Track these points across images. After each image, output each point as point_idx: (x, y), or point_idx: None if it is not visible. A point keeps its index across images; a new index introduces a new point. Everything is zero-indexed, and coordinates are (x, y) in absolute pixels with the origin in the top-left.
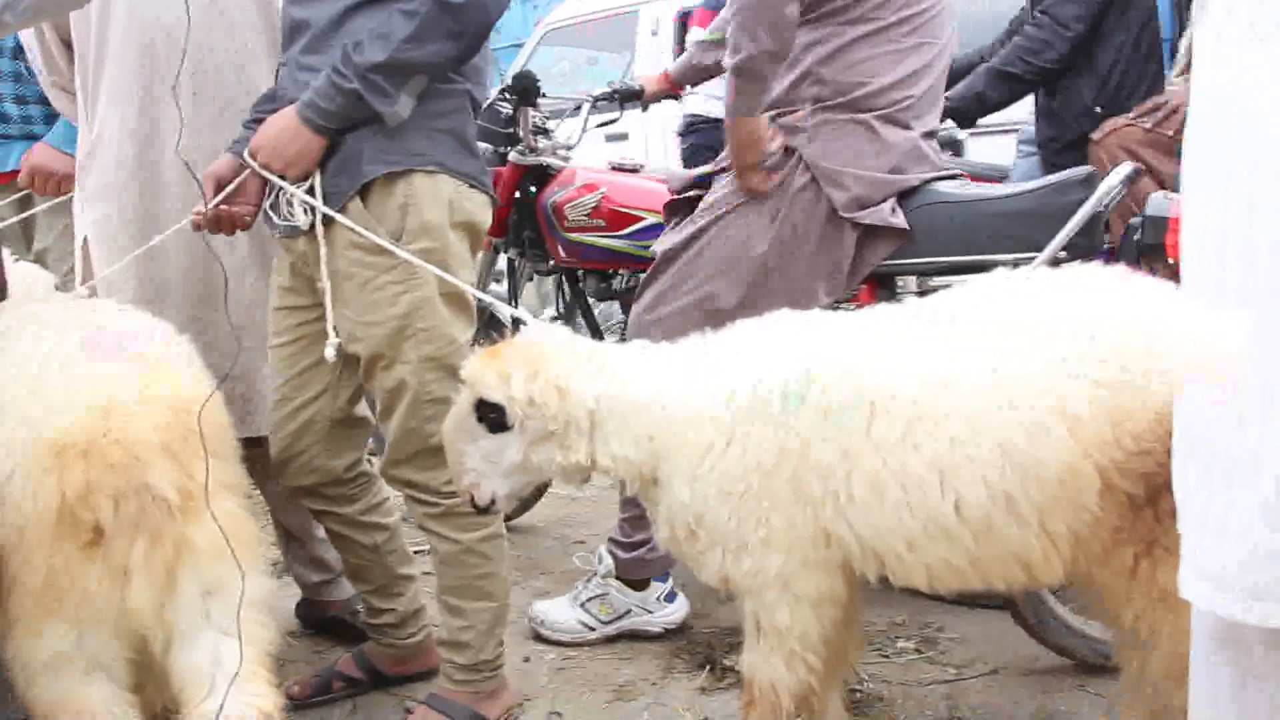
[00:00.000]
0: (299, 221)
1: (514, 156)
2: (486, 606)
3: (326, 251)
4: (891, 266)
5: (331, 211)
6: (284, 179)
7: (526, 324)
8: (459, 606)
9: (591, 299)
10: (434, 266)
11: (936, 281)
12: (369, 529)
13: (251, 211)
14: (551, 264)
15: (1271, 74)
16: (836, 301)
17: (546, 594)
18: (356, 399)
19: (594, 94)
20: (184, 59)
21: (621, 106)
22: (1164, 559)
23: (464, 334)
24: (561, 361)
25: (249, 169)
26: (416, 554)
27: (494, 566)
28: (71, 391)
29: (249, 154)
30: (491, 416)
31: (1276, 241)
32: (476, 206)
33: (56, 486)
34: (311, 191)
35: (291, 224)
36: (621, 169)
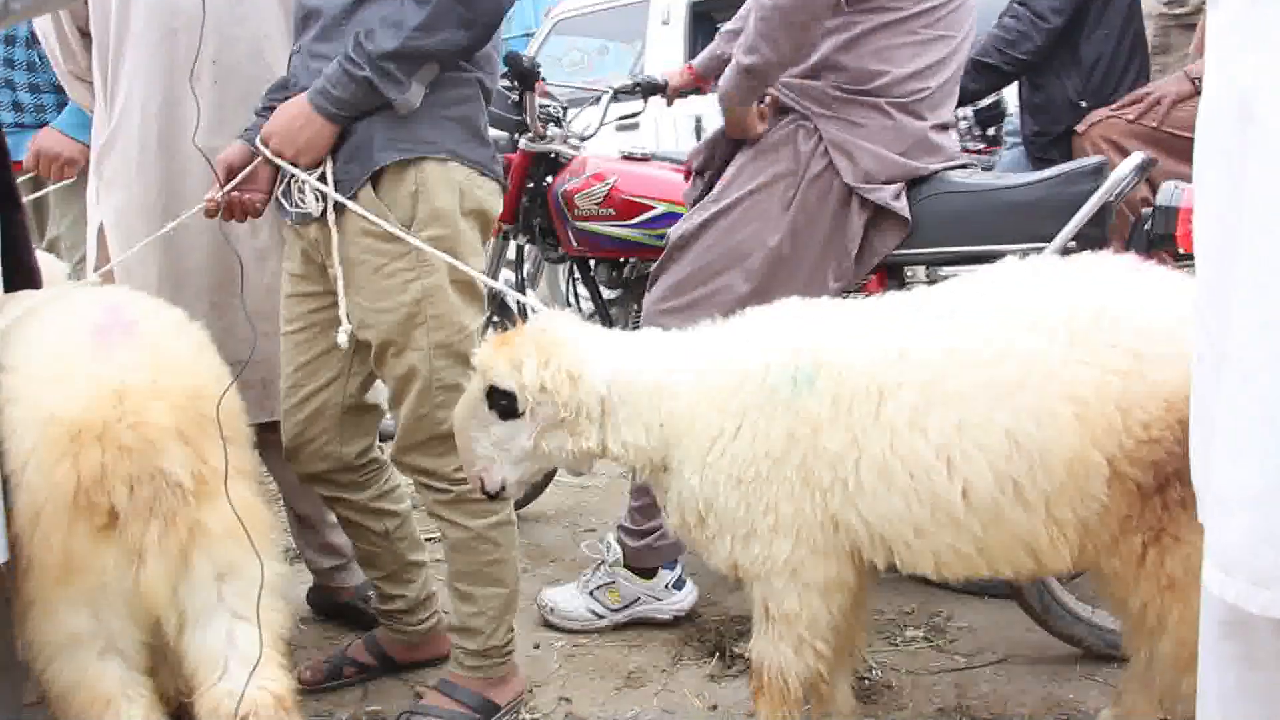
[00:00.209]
0: (310, 208)
1: (523, 144)
2: (497, 593)
3: (338, 238)
4: (900, 256)
5: (343, 199)
6: (296, 166)
7: (536, 311)
8: (469, 593)
9: (602, 287)
10: (445, 254)
11: (945, 271)
12: (380, 515)
13: (263, 199)
14: (562, 252)
15: None
16: (846, 290)
17: (556, 582)
18: (367, 386)
19: (615, 86)
20: (201, 45)
21: (645, 100)
22: (1172, 547)
23: (474, 321)
24: (573, 348)
25: (261, 156)
26: (427, 541)
27: (504, 553)
28: (86, 377)
29: (261, 141)
30: (503, 403)
31: None
32: (487, 194)
33: (72, 470)
34: (323, 179)
35: (303, 211)
36: (632, 158)
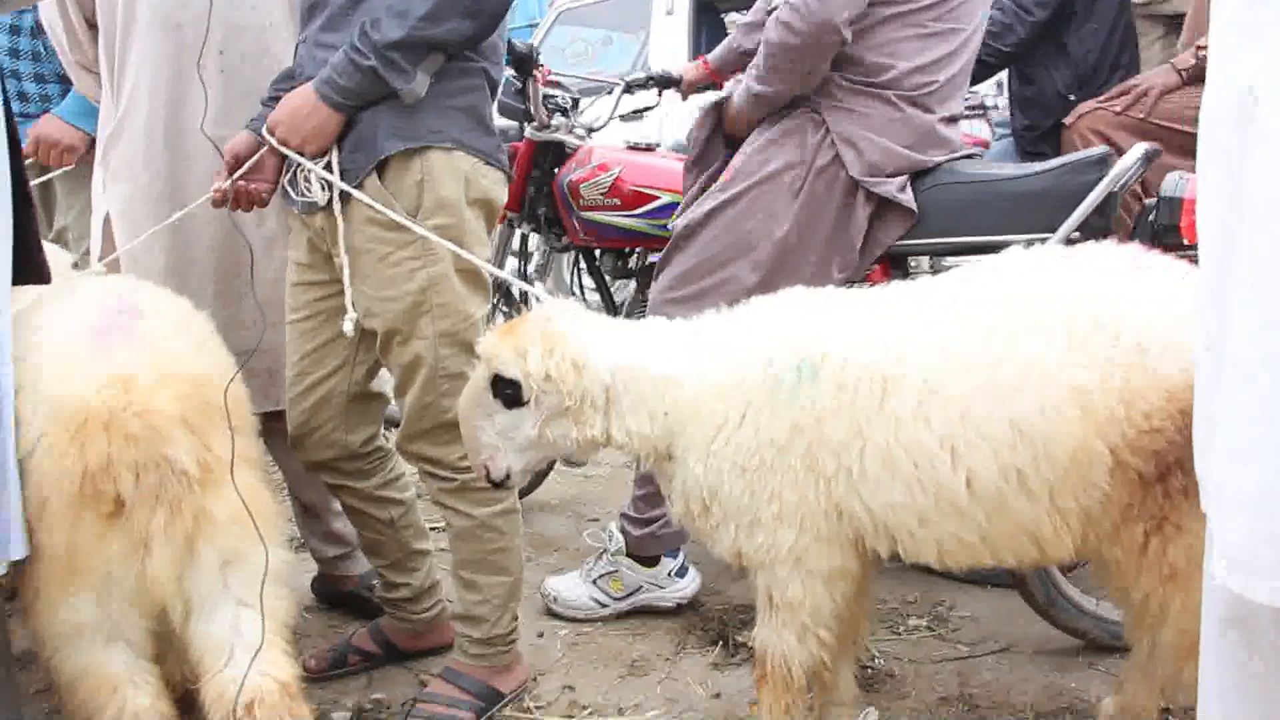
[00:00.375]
0: (316, 197)
1: (529, 132)
2: (501, 581)
3: (344, 227)
4: (905, 246)
5: (348, 187)
6: (302, 155)
7: (540, 300)
8: (474, 581)
9: (608, 277)
10: (450, 243)
11: (949, 262)
12: (385, 504)
13: (269, 188)
14: (567, 242)
15: None
16: (850, 281)
17: (560, 571)
18: (373, 374)
19: (628, 79)
20: (208, 35)
21: (660, 93)
22: (1174, 536)
23: (479, 310)
24: (577, 337)
25: (267, 145)
26: (432, 530)
27: (508, 541)
28: (93, 365)
29: (267, 130)
30: (507, 392)
31: None
32: (492, 183)
33: (79, 458)
34: (329, 168)
35: (309, 200)
36: (637, 148)
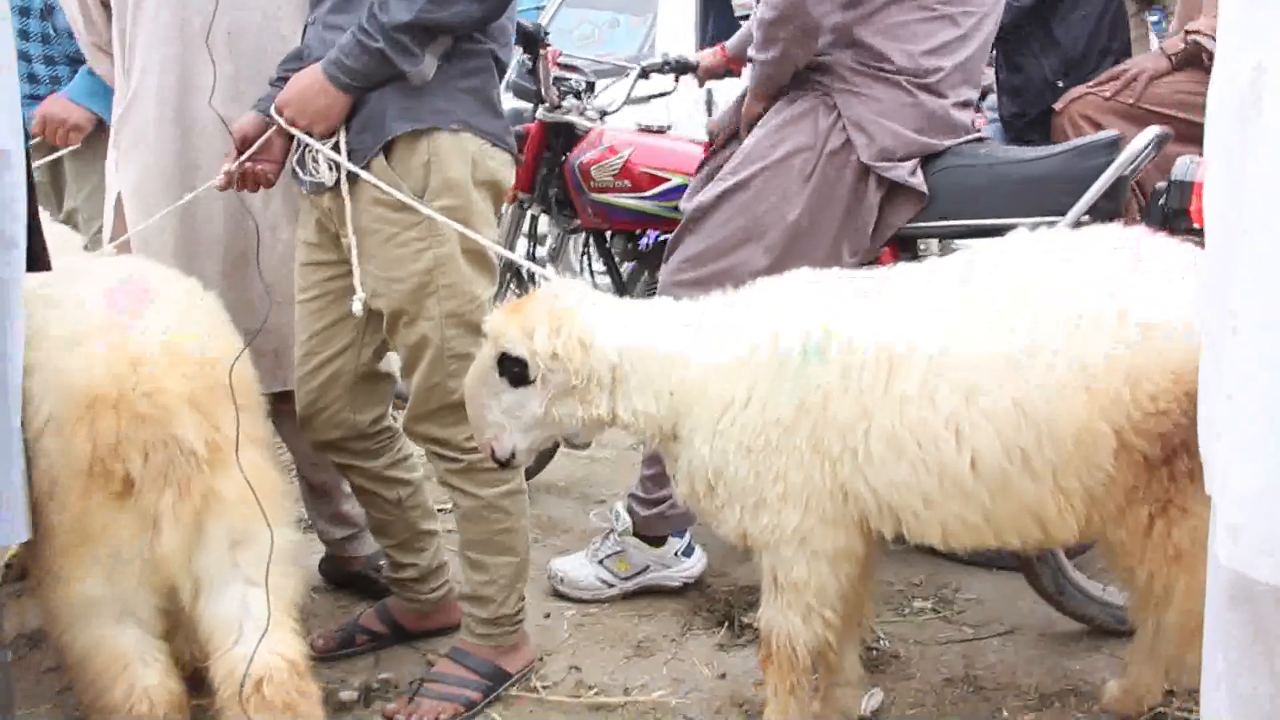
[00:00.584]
0: (324, 178)
1: (540, 114)
2: (508, 561)
3: (351, 207)
4: (914, 229)
5: (356, 168)
6: (310, 136)
7: (547, 279)
8: (480, 561)
9: (618, 259)
10: (457, 223)
11: (959, 244)
12: (393, 484)
13: (276, 169)
14: (577, 223)
15: None
16: (860, 264)
17: (566, 552)
18: (381, 354)
19: (645, 64)
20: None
21: (676, 79)
22: (1179, 519)
23: (486, 291)
24: (585, 316)
25: (275, 126)
26: (439, 512)
27: (515, 522)
28: (102, 346)
29: (275, 110)
30: (514, 371)
31: None
32: (499, 165)
33: (88, 438)
34: (337, 148)
35: (317, 180)
36: (649, 130)
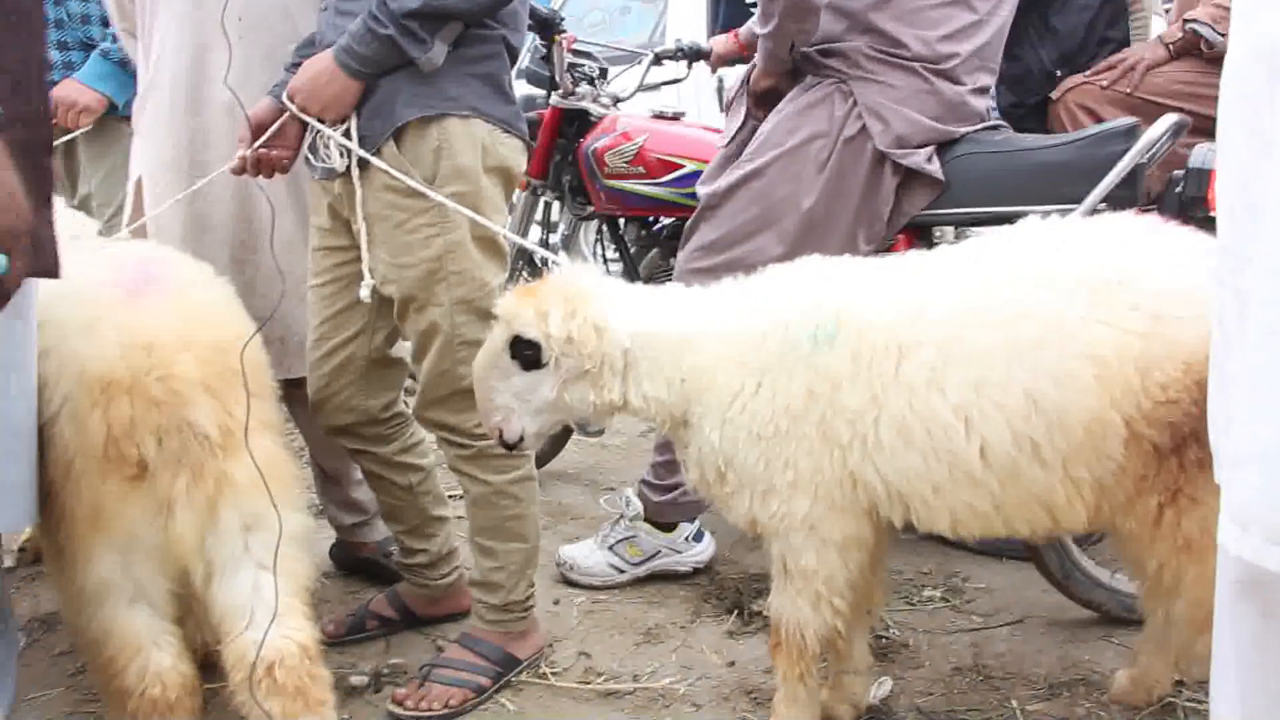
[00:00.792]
0: (335, 164)
1: (554, 100)
2: (518, 548)
3: (362, 193)
4: (929, 216)
5: (366, 154)
6: (321, 122)
7: (558, 265)
8: (490, 547)
9: (631, 245)
10: (467, 209)
11: (974, 232)
12: (404, 469)
13: (290, 155)
14: (591, 210)
15: None
16: (875, 252)
17: (576, 539)
18: (393, 340)
19: (657, 50)
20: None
21: (689, 65)
22: (1188, 508)
23: (496, 278)
24: (598, 300)
25: (288, 112)
26: (450, 498)
27: (525, 508)
28: (116, 330)
29: (287, 97)
30: (526, 354)
31: None
32: (510, 151)
33: (102, 421)
34: (348, 134)
35: (328, 166)
36: (663, 117)
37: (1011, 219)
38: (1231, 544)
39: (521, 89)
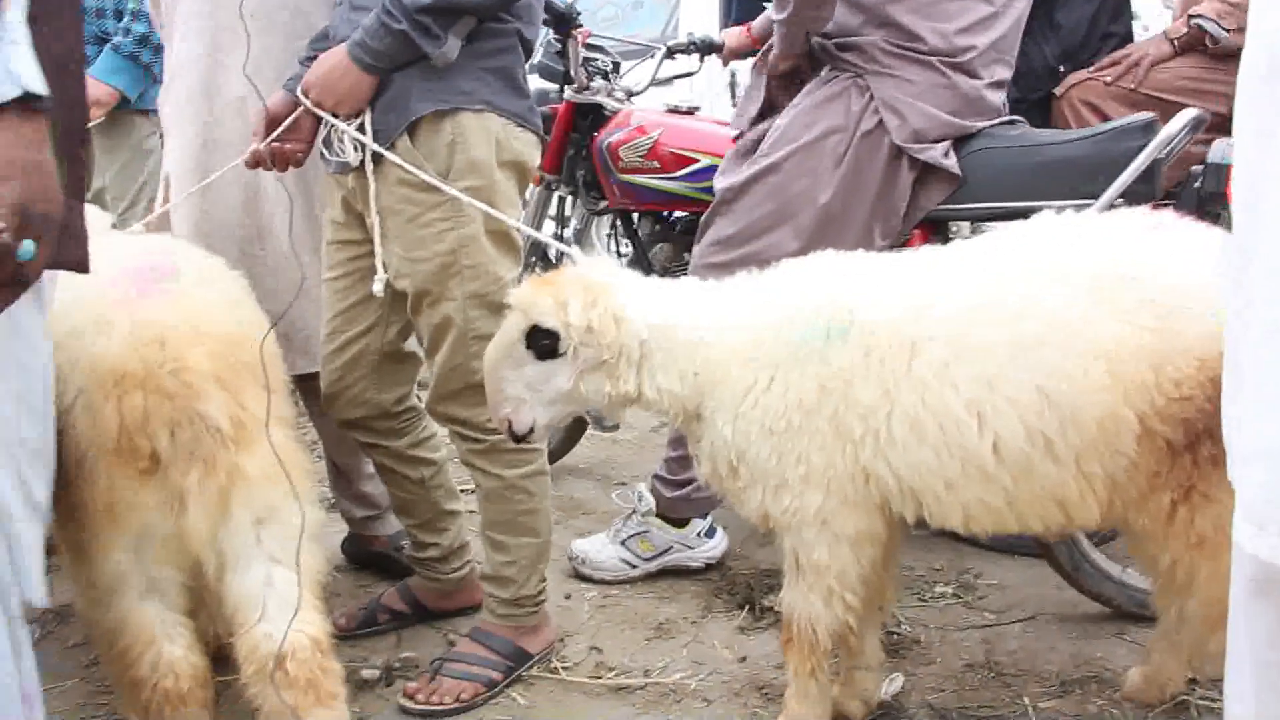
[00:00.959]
0: (349, 158)
1: (568, 94)
2: (529, 542)
3: (375, 188)
4: (945, 211)
5: (380, 148)
6: (335, 116)
7: (573, 259)
8: (502, 542)
9: (645, 240)
10: (481, 203)
11: (989, 227)
12: (416, 463)
13: (304, 149)
14: (604, 205)
15: None
16: (890, 246)
17: (588, 533)
18: (406, 334)
19: (669, 43)
20: None
21: (701, 59)
22: (1202, 505)
23: (510, 272)
24: (617, 291)
25: (302, 106)
26: (462, 492)
27: (537, 503)
28: (129, 323)
29: (301, 91)
30: (543, 343)
31: None
32: (524, 145)
33: (115, 414)
34: (362, 129)
35: (342, 160)
36: (677, 111)
37: (1027, 214)
38: (1247, 542)
39: (534, 83)
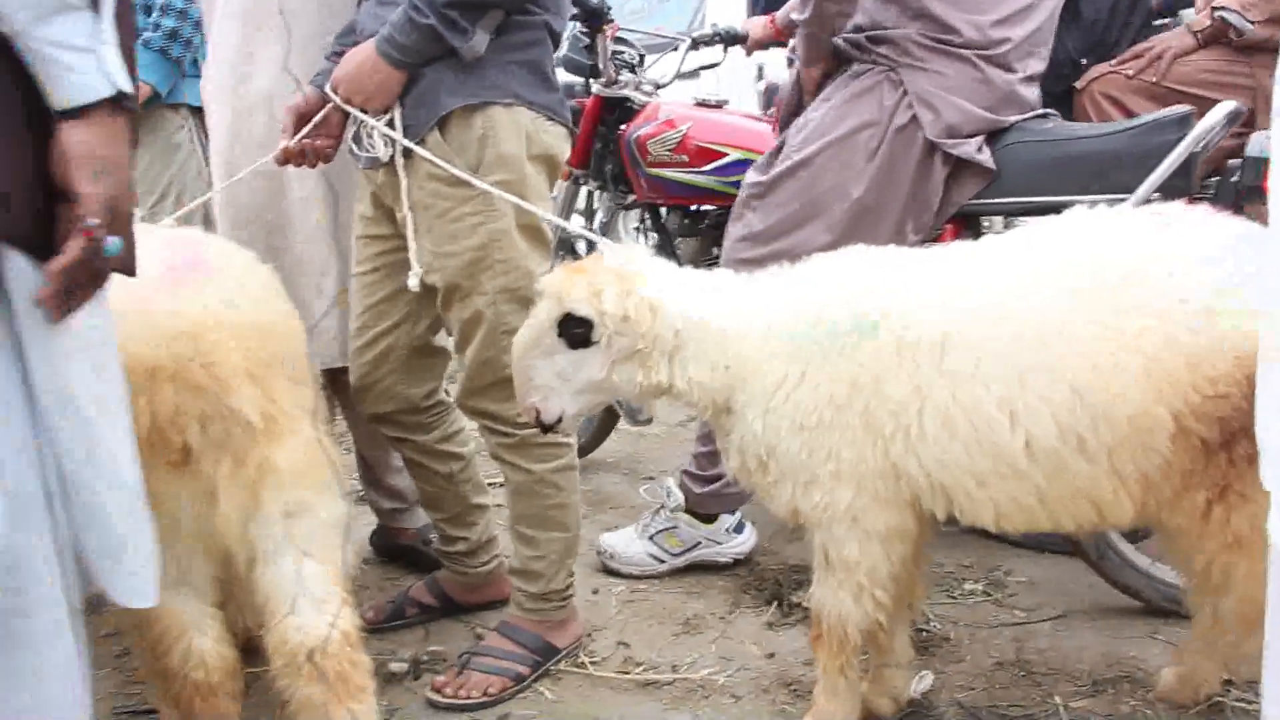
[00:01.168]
0: (380, 154)
1: (596, 88)
2: (558, 536)
3: (406, 183)
4: (977, 206)
5: (410, 143)
6: (364, 112)
7: (610, 250)
8: (531, 536)
9: (673, 234)
10: (513, 196)
11: (1022, 222)
12: (444, 457)
13: (333, 145)
14: (632, 199)
15: None
16: (922, 241)
17: (615, 527)
18: (435, 328)
19: (694, 35)
20: None
21: (725, 50)
22: (1238, 504)
23: (540, 266)
24: (652, 280)
25: (331, 103)
26: (490, 486)
27: (566, 497)
28: (161, 316)
29: (330, 87)
30: (575, 332)
31: None
32: (554, 139)
33: (147, 408)
34: (392, 124)
35: (373, 156)
36: (706, 104)
37: (1060, 209)
38: (1278, 539)
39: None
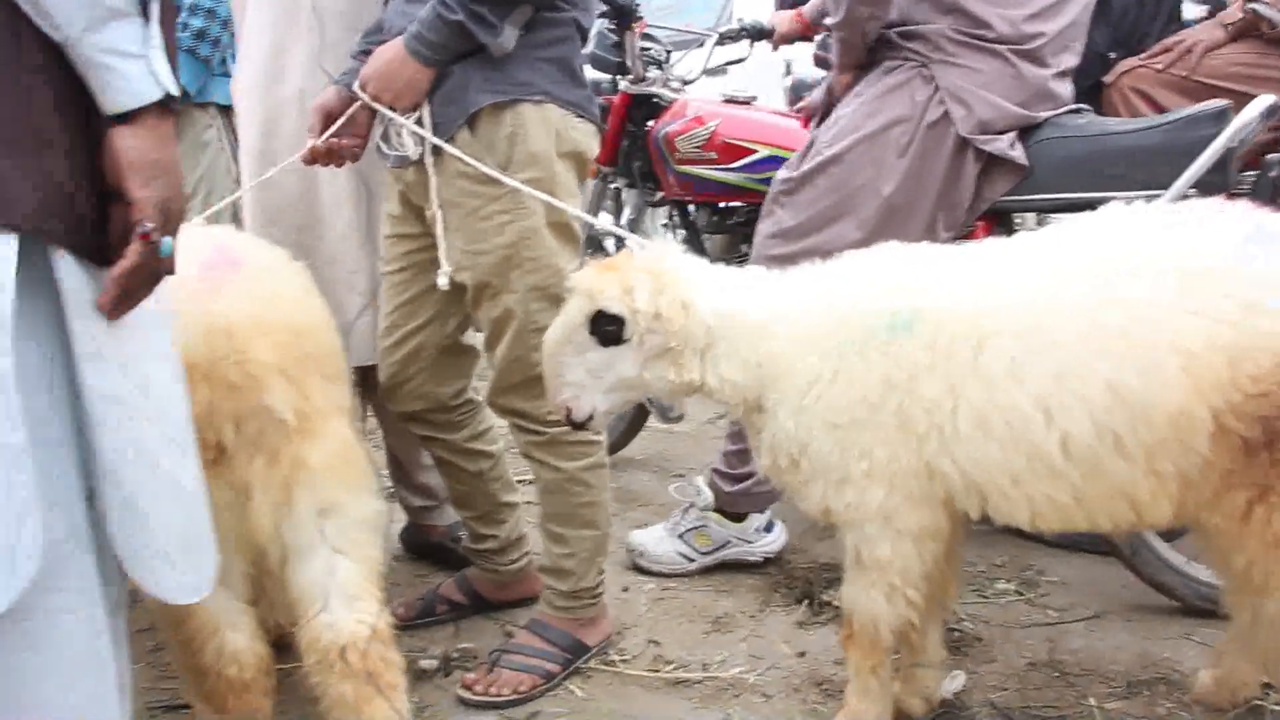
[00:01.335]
0: (408, 152)
1: (623, 85)
2: (588, 534)
3: (435, 181)
4: (1010, 203)
5: (440, 141)
6: (393, 110)
7: (641, 247)
8: (561, 534)
9: (701, 231)
10: (543, 194)
11: (1055, 219)
12: (474, 456)
13: (361, 144)
14: (660, 196)
15: None
16: (954, 238)
17: (644, 525)
18: (464, 327)
19: (720, 30)
20: None
21: (751, 44)
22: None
23: (570, 264)
24: (685, 278)
25: (359, 101)
26: (520, 484)
27: (596, 495)
28: (195, 315)
29: (359, 86)
30: (607, 329)
31: None
32: (583, 136)
33: None
34: (420, 122)
35: (401, 154)
36: (734, 101)
37: (1094, 205)
38: None
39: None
